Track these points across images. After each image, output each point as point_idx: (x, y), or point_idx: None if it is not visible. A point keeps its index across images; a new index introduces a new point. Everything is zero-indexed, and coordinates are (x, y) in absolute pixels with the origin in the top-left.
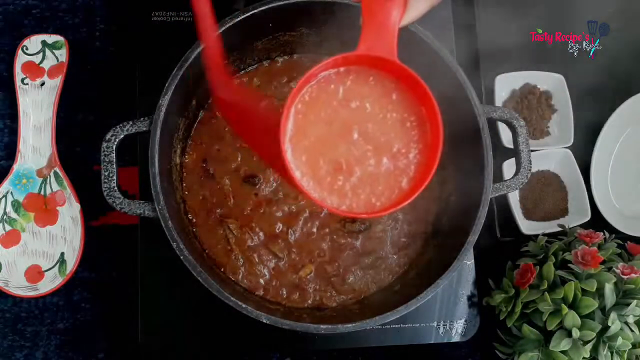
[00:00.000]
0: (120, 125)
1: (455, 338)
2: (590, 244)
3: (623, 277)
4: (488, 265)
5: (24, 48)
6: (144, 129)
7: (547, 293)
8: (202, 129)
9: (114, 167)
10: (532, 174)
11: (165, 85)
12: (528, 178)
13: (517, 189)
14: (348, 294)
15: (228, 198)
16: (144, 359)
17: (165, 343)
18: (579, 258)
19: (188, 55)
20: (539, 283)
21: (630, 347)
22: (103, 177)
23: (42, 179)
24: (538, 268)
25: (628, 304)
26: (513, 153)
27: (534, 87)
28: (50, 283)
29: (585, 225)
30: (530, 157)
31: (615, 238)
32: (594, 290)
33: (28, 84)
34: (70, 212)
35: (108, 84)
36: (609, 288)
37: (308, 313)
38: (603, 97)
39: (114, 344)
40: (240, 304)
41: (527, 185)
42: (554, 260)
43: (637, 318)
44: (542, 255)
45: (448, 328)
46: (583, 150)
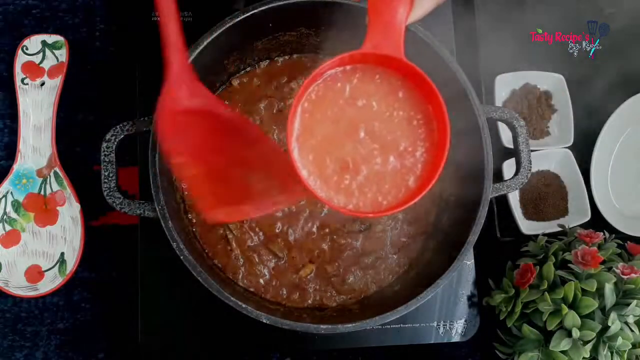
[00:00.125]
0: (120, 125)
1: (455, 338)
2: (590, 244)
3: (623, 277)
4: (488, 265)
5: (24, 48)
6: (144, 129)
7: (547, 293)
8: None
9: (114, 167)
10: (532, 174)
11: None
12: (528, 178)
13: (517, 189)
14: (348, 294)
15: None
16: (144, 359)
17: (165, 343)
18: (579, 258)
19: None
20: (539, 283)
21: (630, 347)
22: (103, 177)
23: (42, 179)
24: (538, 268)
25: (628, 304)
26: (513, 153)
27: (534, 87)
28: (50, 283)
29: (585, 225)
30: (530, 157)
31: (615, 238)
32: (594, 290)
33: (28, 84)
34: (70, 212)
35: (108, 84)
36: (609, 288)
37: (308, 313)
38: (603, 97)
39: (114, 344)
40: (240, 304)
41: (527, 185)
42: (554, 260)
43: (637, 318)
44: (542, 255)
45: (448, 328)
46: (583, 150)
